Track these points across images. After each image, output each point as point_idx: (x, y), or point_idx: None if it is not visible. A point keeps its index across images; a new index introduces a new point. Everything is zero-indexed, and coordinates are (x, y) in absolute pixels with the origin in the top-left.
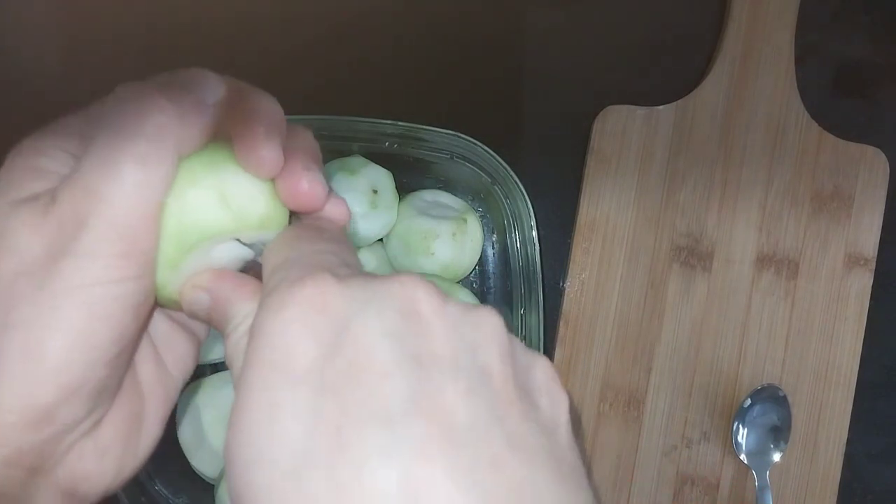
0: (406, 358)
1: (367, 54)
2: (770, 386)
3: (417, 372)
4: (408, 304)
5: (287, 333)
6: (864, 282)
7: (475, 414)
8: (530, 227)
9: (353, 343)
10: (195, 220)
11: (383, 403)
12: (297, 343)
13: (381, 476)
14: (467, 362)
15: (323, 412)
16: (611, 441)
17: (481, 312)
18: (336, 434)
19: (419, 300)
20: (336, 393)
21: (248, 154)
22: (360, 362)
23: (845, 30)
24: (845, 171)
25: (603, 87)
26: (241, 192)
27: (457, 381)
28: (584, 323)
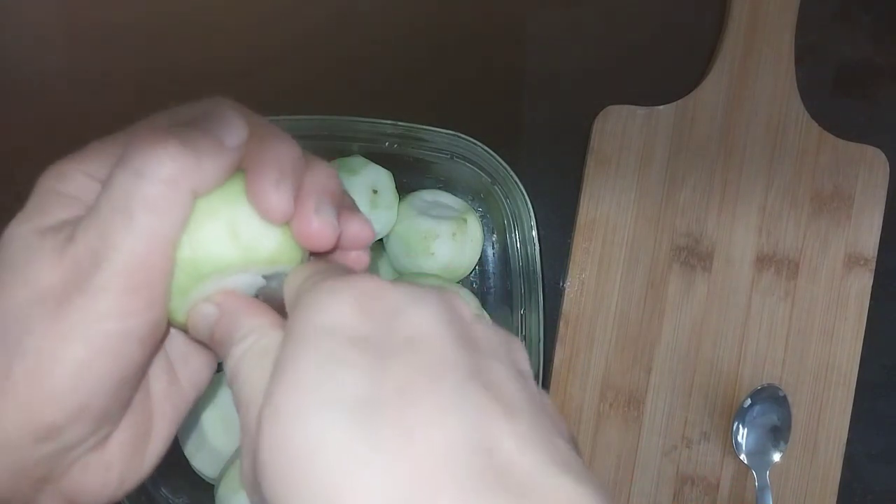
0: (461, 341)
1: (367, 54)
2: (770, 386)
3: (472, 352)
4: (452, 307)
5: (342, 310)
6: (864, 282)
7: (523, 398)
8: (530, 227)
9: (409, 324)
10: (206, 254)
11: (445, 368)
12: (351, 317)
13: (451, 428)
14: (507, 360)
15: (386, 369)
16: (611, 441)
17: (507, 332)
18: (402, 388)
19: (460, 307)
20: (397, 358)
21: (259, 199)
22: (418, 337)
23: (845, 30)
24: (845, 171)
25: (603, 87)
26: (253, 228)
27: (505, 369)
28: (584, 323)
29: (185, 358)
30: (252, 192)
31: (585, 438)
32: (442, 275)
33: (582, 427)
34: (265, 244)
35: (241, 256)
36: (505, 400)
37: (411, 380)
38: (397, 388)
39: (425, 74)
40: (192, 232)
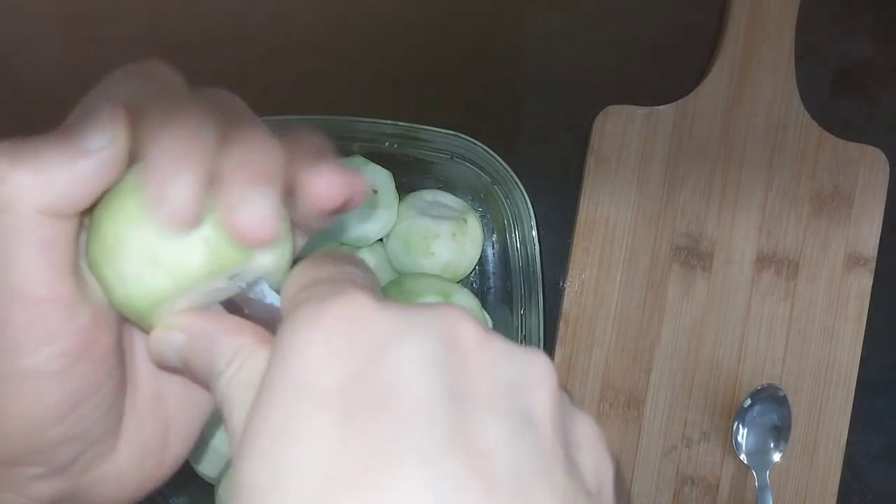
0: (446, 393)
1: (367, 54)
2: (770, 386)
3: (458, 409)
4: (450, 336)
5: (316, 352)
6: (864, 282)
7: (517, 463)
8: (530, 227)
9: (389, 371)
10: (135, 292)
11: (419, 440)
12: (326, 363)
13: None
14: (511, 405)
15: (351, 441)
16: (611, 441)
17: (530, 353)
18: (364, 467)
19: (462, 333)
20: (367, 422)
21: (154, 206)
22: (395, 392)
23: (845, 30)
24: (845, 171)
25: (603, 87)
26: (171, 243)
27: (499, 425)
28: (584, 323)
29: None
30: (147, 197)
31: None
32: (442, 275)
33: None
34: (193, 259)
35: (173, 283)
36: (489, 470)
37: (377, 451)
38: (360, 464)
39: (425, 74)
40: (108, 266)
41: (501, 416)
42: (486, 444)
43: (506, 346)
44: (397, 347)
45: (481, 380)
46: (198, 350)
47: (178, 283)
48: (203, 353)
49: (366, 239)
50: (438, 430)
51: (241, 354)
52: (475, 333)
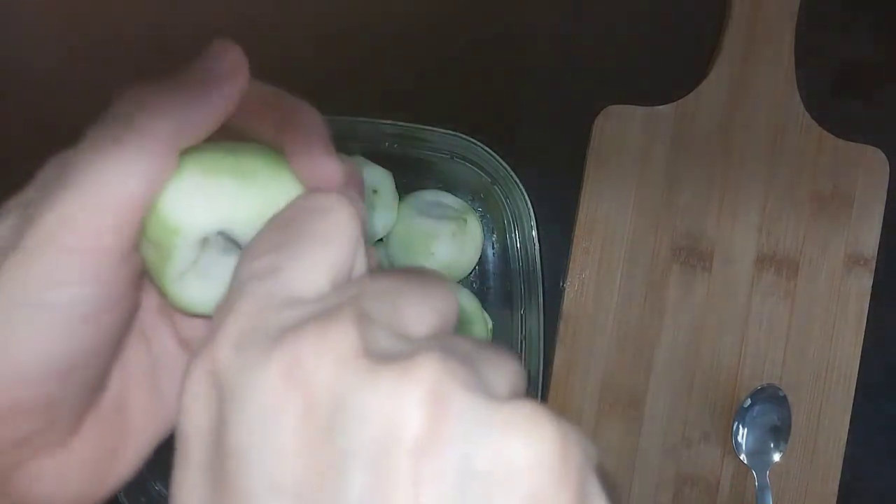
0: (266, 488)
1: (367, 54)
2: (770, 386)
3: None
4: (294, 389)
5: (182, 422)
6: (864, 282)
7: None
8: (530, 227)
9: (228, 465)
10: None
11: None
12: (190, 435)
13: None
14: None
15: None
16: (611, 441)
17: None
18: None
19: (308, 374)
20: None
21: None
22: (227, 481)
23: (845, 30)
24: (845, 172)
25: (603, 87)
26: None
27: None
28: (584, 323)
29: (173, 371)
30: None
31: None
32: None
33: (582, 427)
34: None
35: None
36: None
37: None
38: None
39: (425, 74)
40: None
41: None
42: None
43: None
44: (232, 417)
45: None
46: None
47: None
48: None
49: None
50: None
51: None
52: (327, 367)
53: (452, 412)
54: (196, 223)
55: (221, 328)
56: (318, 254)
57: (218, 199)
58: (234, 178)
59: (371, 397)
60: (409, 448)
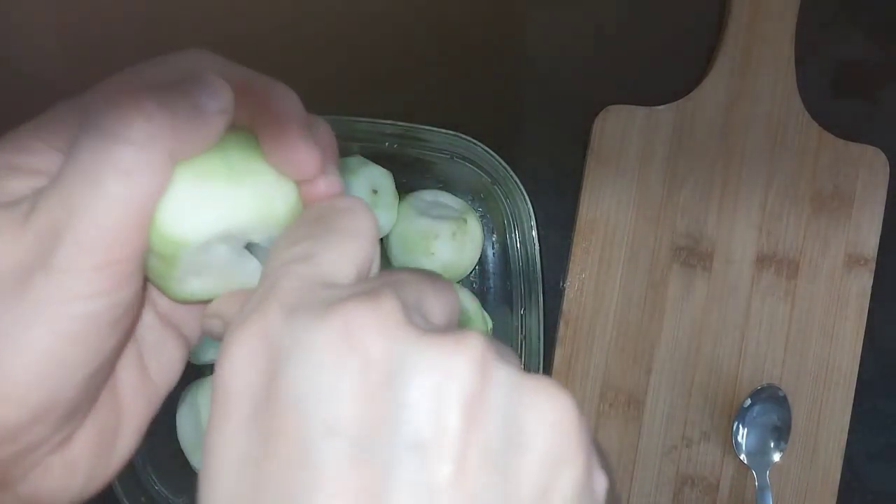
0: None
1: (367, 54)
2: (770, 386)
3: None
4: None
5: (227, 380)
6: (864, 282)
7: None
8: (530, 227)
9: (280, 415)
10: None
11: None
12: (236, 392)
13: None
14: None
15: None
16: (611, 441)
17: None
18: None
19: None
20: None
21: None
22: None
23: (845, 30)
24: (845, 171)
25: (603, 87)
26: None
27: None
28: (584, 323)
29: (156, 350)
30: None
31: None
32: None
33: None
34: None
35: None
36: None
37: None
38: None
39: (426, 74)
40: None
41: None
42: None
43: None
44: (289, 372)
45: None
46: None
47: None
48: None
49: None
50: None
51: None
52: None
53: (495, 376)
54: (197, 232)
55: (269, 299)
56: (347, 245)
57: (215, 205)
58: (227, 179)
59: (429, 358)
60: (465, 398)
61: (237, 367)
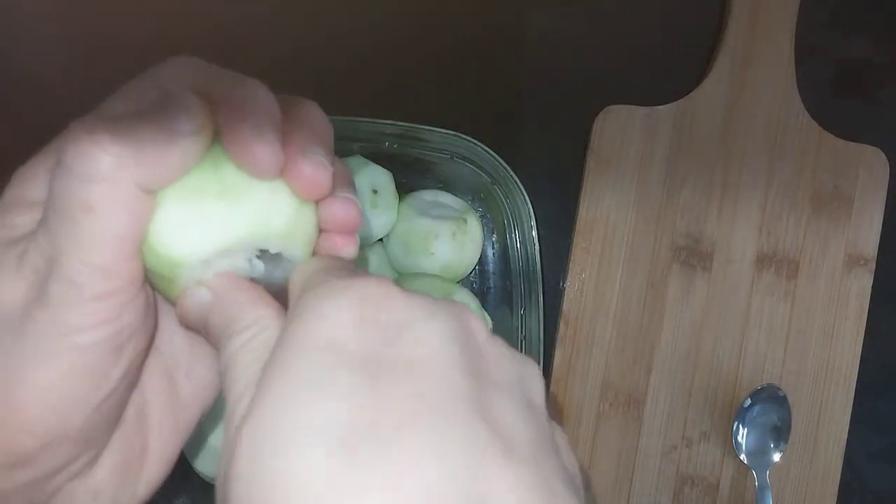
0: (467, 369)
1: (367, 54)
2: (770, 386)
3: (478, 386)
4: (466, 325)
5: (346, 317)
6: (864, 282)
7: (531, 438)
8: (530, 227)
9: (415, 342)
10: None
11: (446, 400)
12: (355, 329)
13: (444, 473)
14: (518, 391)
15: (382, 396)
16: (611, 441)
17: (524, 357)
18: (396, 422)
19: (474, 326)
20: (396, 381)
21: (241, 154)
22: (422, 359)
23: (845, 30)
24: (845, 171)
25: (603, 87)
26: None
27: (513, 403)
28: (584, 323)
29: (187, 369)
30: (232, 148)
31: (585, 438)
32: (442, 275)
33: (582, 427)
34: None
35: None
36: (508, 439)
37: (407, 412)
38: (390, 422)
39: (425, 74)
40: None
41: (514, 397)
42: (504, 414)
43: (506, 346)
44: (422, 323)
45: (495, 367)
46: (220, 309)
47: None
48: (224, 313)
49: (366, 239)
50: (466, 397)
51: (259, 323)
52: (484, 329)
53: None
54: (193, 252)
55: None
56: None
57: (206, 224)
58: (218, 196)
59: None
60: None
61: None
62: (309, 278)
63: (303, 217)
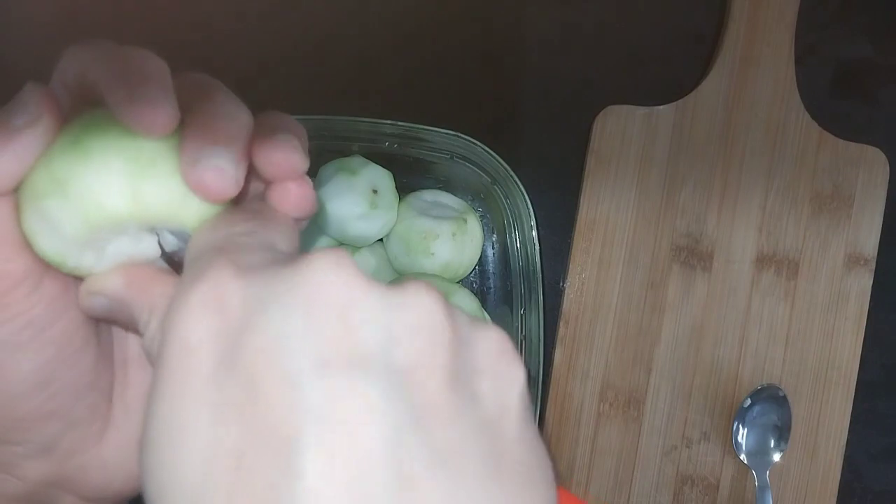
0: (313, 364)
1: (366, 54)
2: (770, 386)
3: (326, 380)
4: (315, 296)
5: (186, 338)
6: (864, 282)
7: (391, 426)
8: (530, 227)
9: (253, 349)
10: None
11: (286, 425)
12: (196, 349)
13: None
14: (383, 363)
15: (224, 432)
16: (611, 441)
17: (409, 292)
18: (237, 461)
19: (330, 288)
20: (238, 410)
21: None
22: (260, 372)
23: (845, 30)
24: (845, 171)
25: (603, 87)
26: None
27: (370, 389)
28: (584, 323)
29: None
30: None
31: (585, 438)
32: (442, 275)
33: (582, 427)
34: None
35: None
36: (358, 448)
37: (248, 440)
38: (233, 458)
39: (426, 75)
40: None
41: (372, 379)
42: (355, 414)
43: (380, 295)
44: (259, 321)
45: (350, 341)
46: (119, 311)
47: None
48: (123, 313)
49: (366, 239)
50: (303, 409)
51: (154, 314)
52: (347, 286)
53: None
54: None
55: (217, 261)
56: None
57: (64, 215)
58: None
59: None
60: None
61: (196, 321)
62: (185, 269)
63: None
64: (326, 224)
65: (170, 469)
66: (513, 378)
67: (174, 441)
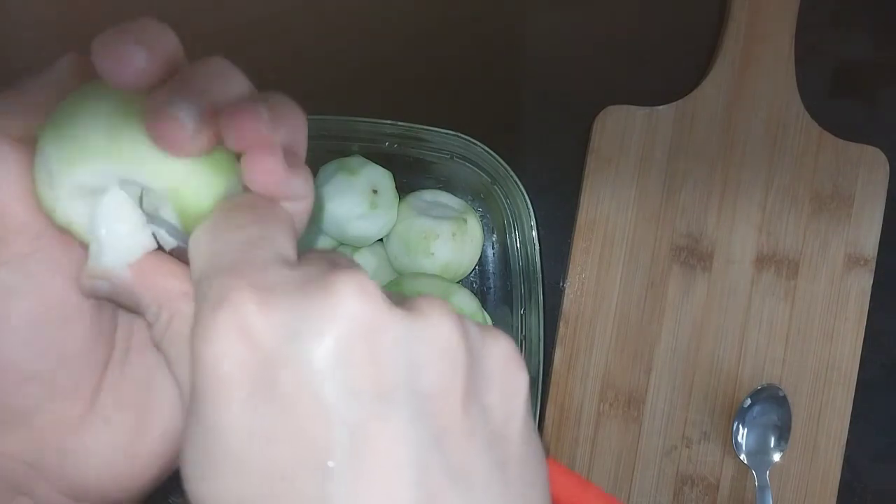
0: (343, 395)
1: (367, 54)
2: (770, 386)
3: (357, 410)
4: (343, 326)
5: (216, 366)
6: (864, 282)
7: (415, 450)
8: (530, 227)
9: (285, 382)
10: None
11: (320, 451)
12: (227, 379)
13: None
14: (407, 390)
15: (257, 463)
16: (611, 441)
17: (429, 321)
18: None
19: (358, 319)
20: (270, 442)
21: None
22: (293, 404)
23: (845, 30)
24: (845, 171)
25: (603, 87)
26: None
27: (397, 415)
28: (584, 323)
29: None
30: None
31: (585, 438)
32: (442, 275)
33: (582, 427)
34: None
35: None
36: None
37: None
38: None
39: (425, 74)
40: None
41: (398, 406)
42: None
43: (403, 322)
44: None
45: (378, 370)
46: (123, 297)
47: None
48: (128, 300)
49: (366, 239)
50: (338, 440)
51: (165, 308)
52: (372, 315)
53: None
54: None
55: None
56: (287, 229)
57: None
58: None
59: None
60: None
61: (224, 352)
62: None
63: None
64: (326, 224)
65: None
66: (518, 385)
67: (211, 462)
